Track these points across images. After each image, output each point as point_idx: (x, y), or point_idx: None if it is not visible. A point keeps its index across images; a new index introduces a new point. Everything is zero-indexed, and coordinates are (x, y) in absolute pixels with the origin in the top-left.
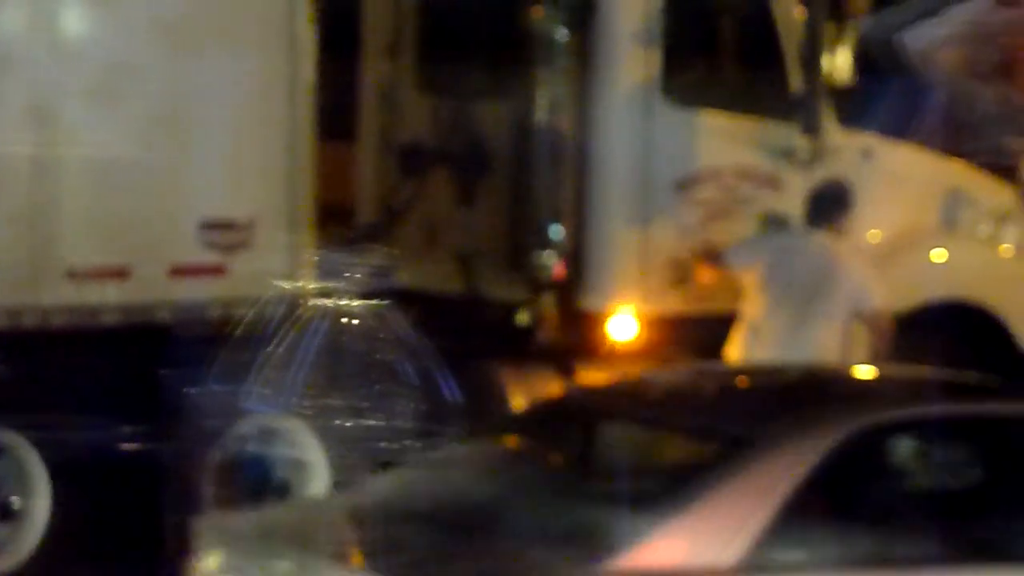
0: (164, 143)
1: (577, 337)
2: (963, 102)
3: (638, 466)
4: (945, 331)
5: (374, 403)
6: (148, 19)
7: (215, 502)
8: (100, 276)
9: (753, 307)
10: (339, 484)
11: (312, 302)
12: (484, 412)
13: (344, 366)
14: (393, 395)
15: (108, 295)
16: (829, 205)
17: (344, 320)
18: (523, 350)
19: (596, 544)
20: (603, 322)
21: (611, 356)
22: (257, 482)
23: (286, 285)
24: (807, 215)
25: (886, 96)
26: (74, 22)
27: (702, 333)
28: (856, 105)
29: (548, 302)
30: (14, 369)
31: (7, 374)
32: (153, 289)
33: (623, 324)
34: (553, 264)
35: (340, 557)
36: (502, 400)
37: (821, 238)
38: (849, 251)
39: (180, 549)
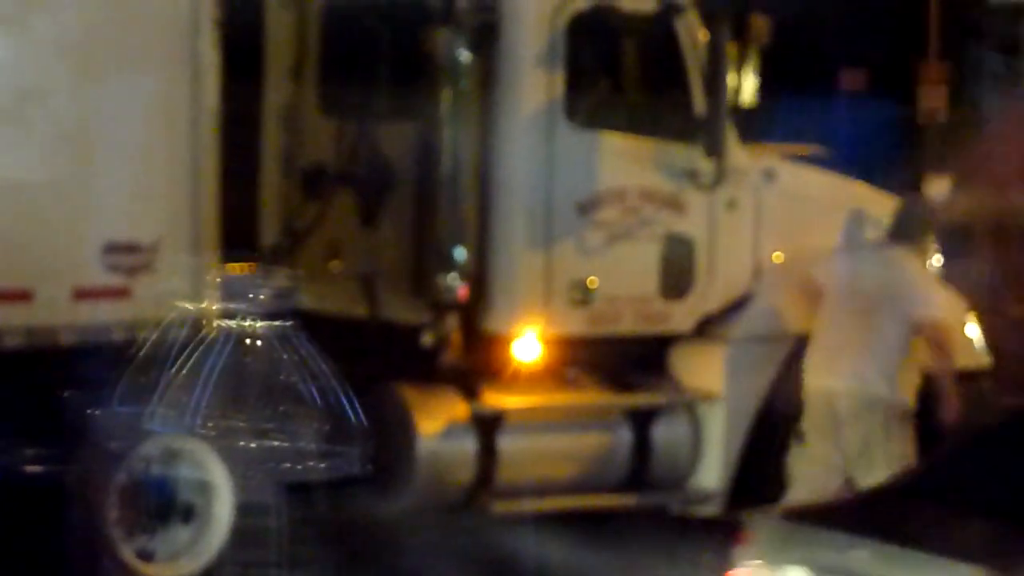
0: (68, 166)
1: (481, 359)
2: None
3: None
4: None
5: (278, 424)
6: (52, 43)
7: (119, 524)
8: (3, 299)
9: (823, 320)
10: (243, 506)
11: (216, 323)
12: (386, 434)
13: (247, 387)
14: (297, 416)
15: (11, 317)
16: (914, 223)
17: (247, 341)
18: (427, 372)
19: None
20: (507, 344)
21: (515, 377)
22: (161, 504)
23: (190, 307)
24: (891, 230)
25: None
26: None
27: (604, 353)
28: (759, 126)
29: (452, 324)
30: None
31: None
32: (57, 312)
33: (527, 345)
34: (457, 286)
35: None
36: (405, 421)
37: (895, 252)
38: (919, 267)
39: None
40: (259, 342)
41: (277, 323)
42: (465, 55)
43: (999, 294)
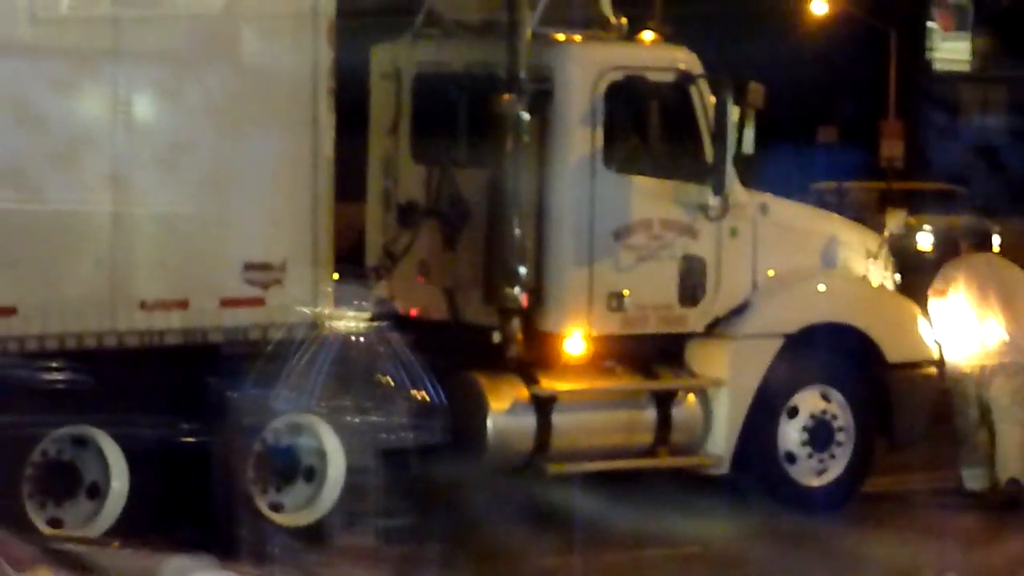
0: (215, 203)
1: (539, 352)
2: None
3: None
4: (825, 346)
5: (378, 403)
6: (202, 105)
7: (255, 482)
8: (166, 307)
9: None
10: (351, 468)
11: (329, 325)
12: (464, 411)
13: (354, 375)
14: (392, 397)
15: (172, 321)
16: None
17: (354, 339)
18: (496, 363)
19: None
20: (559, 340)
21: (565, 367)
22: (287, 467)
23: (310, 312)
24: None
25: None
26: (143, 107)
27: (634, 348)
28: (755, 169)
29: (516, 325)
30: (97, 379)
31: (92, 384)
32: (207, 317)
33: (574, 342)
34: (520, 296)
35: None
36: (479, 401)
37: (992, 256)
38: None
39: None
40: (363, 339)
41: (377, 325)
42: (525, 115)
43: None
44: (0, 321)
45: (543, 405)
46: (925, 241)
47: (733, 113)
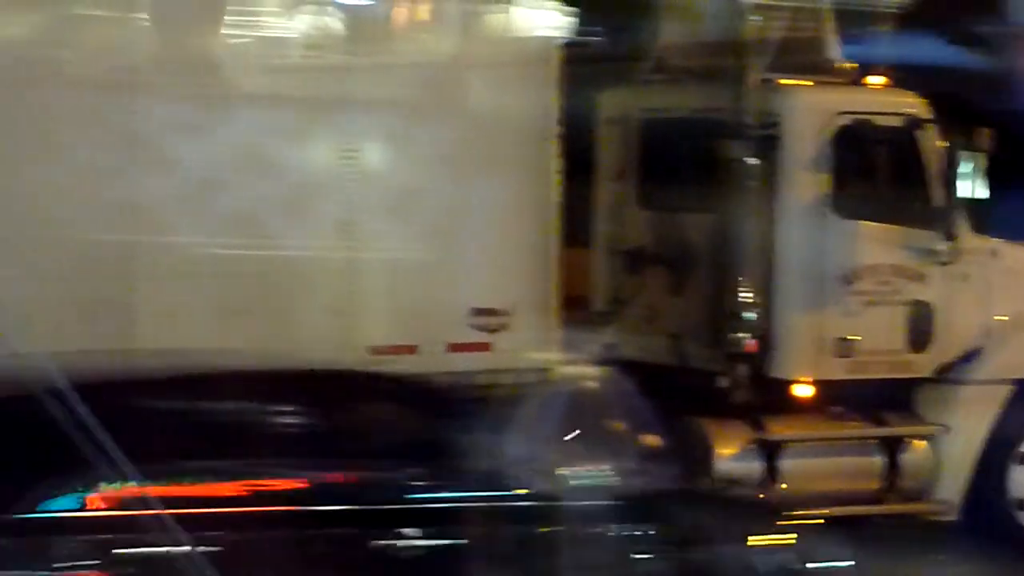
0: (444, 249)
1: (765, 398)
2: None
3: None
4: None
5: (607, 449)
6: (431, 152)
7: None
8: (395, 352)
9: None
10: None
11: (557, 371)
12: (690, 456)
13: (582, 420)
14: (622, 443)
15: (402, 365)
16: None
17: (582, 385)
18: (722, 408)
19: None
20: (786, 386)
21: (792, 412)
22: None
23: (537, 358)
24: None
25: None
26: (374, 154)
27: (861, 393)
28: (986, 215)
29: (743, 370)
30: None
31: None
32: (435, 361)
33: (802, 388)
34: (747, 341)
35: None
36: (706, 447)
37: None
38: None
39: None
40: (591, 385)
41: (605, 370)
42: (753, 160)
43: None
44: None
45: (769, 451)
46: None
47: (962, 157)
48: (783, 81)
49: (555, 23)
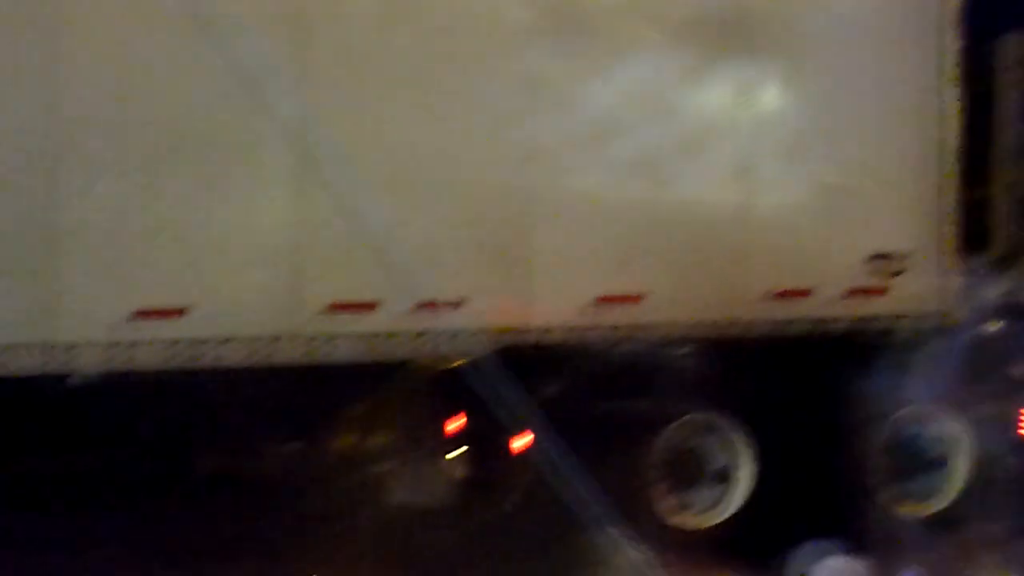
0: (840, 194)
1: None
2: None
3: None
4: None
5: (1007, 394)
6: (826, 96)
7: (882, 470)
8: (791, 296)
9: None
10: (982, 456)
11: (955, 317)
12: None
13: (981, 365)
14: (1020, 388)
15: (796, 311)
16: None
17: (981, 329)
18: None
19: None
20: None
21: None
22: (914, 456)
23: (936, 302)
24: None
25: None
26: (769, 99)
27: None
28: None
29: None
30: (724, 368)
31: (719, 372)
32: (831, 307)
33: None
34: None
35: None
36: None
37: None
38: None
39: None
40: (990, 330)
41: (1005, 315)
42: None
43: None
44: (631, 308)
45: None
46: None
47: None
48: None
49: None
